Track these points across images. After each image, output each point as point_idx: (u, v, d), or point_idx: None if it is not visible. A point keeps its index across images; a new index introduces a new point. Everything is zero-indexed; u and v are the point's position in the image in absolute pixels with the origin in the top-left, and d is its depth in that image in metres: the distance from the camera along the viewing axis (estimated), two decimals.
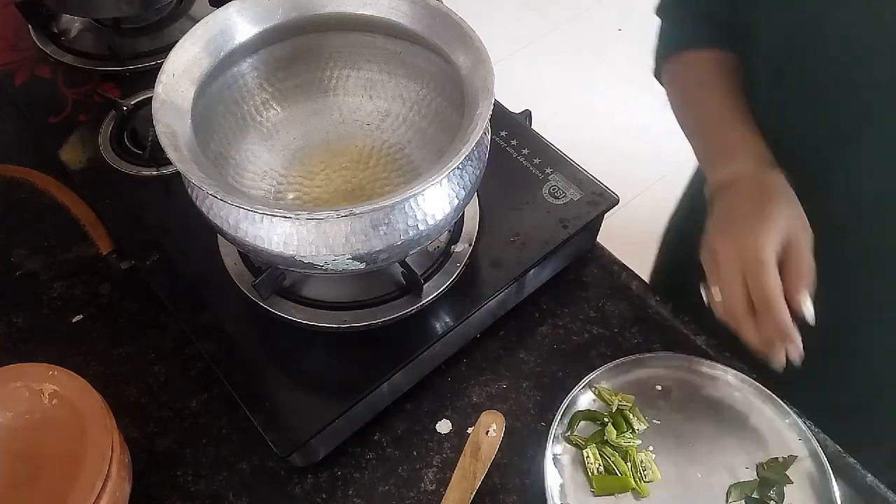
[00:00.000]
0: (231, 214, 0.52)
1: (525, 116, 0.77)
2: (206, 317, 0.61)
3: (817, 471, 0.58)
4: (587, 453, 0.59)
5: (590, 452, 0.59)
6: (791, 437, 0.60)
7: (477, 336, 0.67)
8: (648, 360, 0.64)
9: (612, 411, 0.61)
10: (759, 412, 0.62)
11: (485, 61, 0.55)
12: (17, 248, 0.74)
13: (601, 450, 0.59)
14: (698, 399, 0.63)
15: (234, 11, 0.59)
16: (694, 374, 0.64)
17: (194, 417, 0.63)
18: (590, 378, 0.62)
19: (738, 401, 0.63)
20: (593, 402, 0.62)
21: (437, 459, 0.61)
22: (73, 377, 0.55)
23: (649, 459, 0.59)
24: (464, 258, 0.64)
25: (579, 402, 0.62)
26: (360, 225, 0.51)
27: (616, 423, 0.60)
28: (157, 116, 0.51)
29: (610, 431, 0.60)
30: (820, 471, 0.58)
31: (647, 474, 0.58)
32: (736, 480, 0.59)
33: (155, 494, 0.59)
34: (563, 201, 0.68)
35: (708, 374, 0.64)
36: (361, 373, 0.58)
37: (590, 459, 0.58)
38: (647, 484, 0.58)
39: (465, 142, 0.49)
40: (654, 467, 0.59)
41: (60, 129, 0.77)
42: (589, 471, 0.58)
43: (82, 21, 0.90)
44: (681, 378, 0.64)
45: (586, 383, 0.62)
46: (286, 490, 0.59)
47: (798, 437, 0.60)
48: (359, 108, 0.69)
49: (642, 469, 0.58)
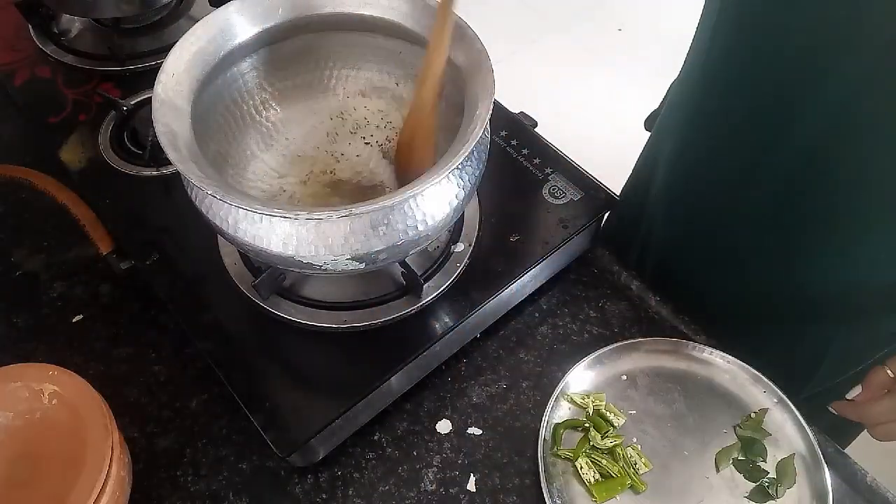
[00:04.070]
0: (231, 214, 0.52)
1: (528, 121, 0.77)
2: (206, 317, 0.61)
3: (790, 419, 0.61)
4: (580, 464, 0.58)
5: (582, 463, 0.58)
6: (756, 391, 0.63)
7: (477, 336, 0.67)
8: (607, 354, 0.64)
9: (589, 414, 0.61)
10: (721, 374, 0.64)
11: (485, 62, 0.55)
12: (17, 248, 0.74)
13: (591, 457, 0.59)
14: (663, 377, 0.64)
15: (234, 11, 0.59)
16: (653, 355, 0.65)
17: (194, 417, 0.63)
18: (559, 389, 0.62)
19: (700, 368, 0.64)
20: (570, 411, 0.62)
21: (437, 459, 0.61)
22: (73, 377, 0.55)
23: (637, 451, 0.59)
24: (464, 258, 0.64)
25: (558, 414, 0.62)
26: (359, 225, 0.51)
27: (596, 424, 0.60)
28: (156, 116, 0.51)
29: (594, 435, 0.59)
30: (792, 418, 0.61)
31: (639, 467, 0.59)
32: (721, 446, 0.60)
33: (155, 494, 0.59)
34: (563, 201, 0.68)
35: (666, 350, 0.65)
36: (361, 373, 0.58)
37: (583, 470, 0.58)
38: (643, 475, 0.58)
39: (465, 142, 0.49)
40: (643, 458, 0.59)
41: (60, 129, 0.77)
42: (586, 481, 0.58)
43: (82, 21, 0.90)
44: (644, 363, 0.65)
45: (557, 395, 0.62)
46: (286, 490, 0.59)
47: (763, 391, 0.63)
48: (359, 108, 0.69)
49: (633, 464, 0.59)
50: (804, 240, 0.65)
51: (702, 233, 0.76)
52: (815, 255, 0.65)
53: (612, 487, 0.57)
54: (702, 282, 0.76)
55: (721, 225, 0.72)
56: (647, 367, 0.65)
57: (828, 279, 0.67)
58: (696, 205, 0.75)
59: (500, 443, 0.61)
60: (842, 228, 0.63)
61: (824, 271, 0.66)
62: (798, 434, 0.60)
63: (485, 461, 0.60)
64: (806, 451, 0.59)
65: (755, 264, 0.71)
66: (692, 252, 0.78)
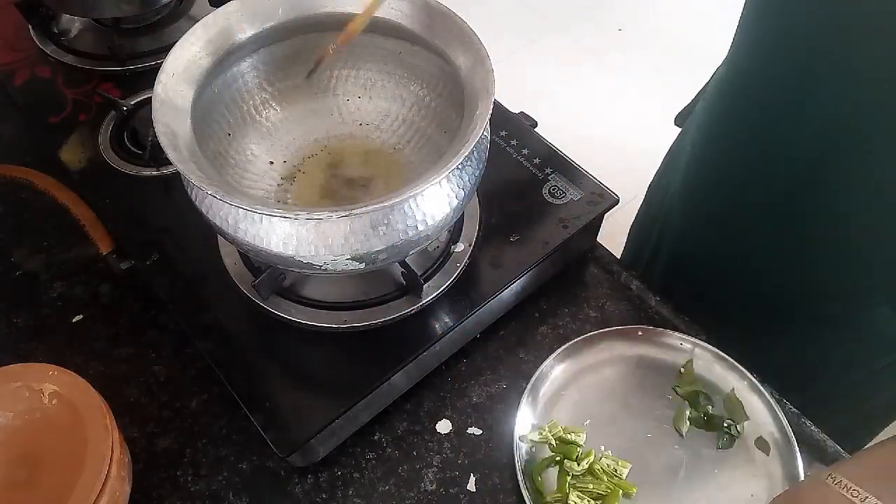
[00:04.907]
0: (231, 214, 0.52)
1: (528, 121, 0.77)
2: (206, 317, 0.61)
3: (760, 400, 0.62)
4: (572, 501, 0.57)
5: (573, 499, 0.57)
6: (674, 342, 0.65)
7: (477, 336, 0.67)
8: (537, 371, 0.63)
9: (553, 446, 0.60)
10: (643, 344, 0.66)
11: (485, 62, 0.55)
12: (17, 248, 0.74)
13: (577, 487, 0.58)
14: (588, 374, 0.64)
15: (234, 11, 0.59)
16: (570, 355, 0.65)
17: (194, 417, 0.63)
18: (516, 436, 0.60)
19: (616, 347, 0.66)
20: (532, 452, 0.60)
21: (437, 459, 0.61)
22: (73, 377, 0.55)
23: (610, 458, 0.59)
24: (464, 258, 0.64)
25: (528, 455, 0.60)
26: (359, 225, 0.51)
27: (566, 452, 0.59)
28: (156, 116, 0.51)
29: (570, 465, 0.58)
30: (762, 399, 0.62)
31: (620, 471, 0.58)
32: (671, 412, 0.62)
33: (155, 494, 0.59)
34: (563, 201, 0.68)
35: (580, 343, 0.65)
36: (361, 373, 0.58)
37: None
38: (627, 477, 0.58)
39: (465, 142, 0.49)
40: (619, 461, 0.59)
41: (60, 129, 0.77)
42: None
43: (82, 21, 0.90)
44: (566, 368, 0.64)
45: (518, 440, 0.60)
46: (286, 490, 0.59)
47: (680, 343, 0.65)
48: (358, 108, 0.69)
49: (614, 472, 0.58)
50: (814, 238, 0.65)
51: (714, 230, 0.76)
52: (827, 253, 0.65)
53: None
54: (710, 281, 0.76)
55: (733, 223, 0.72)
56: (570, 371, 0.64)
57: (835, 279, 0.67)
58: (710, 200, 0.75)
59: (500, 443, 0.61)
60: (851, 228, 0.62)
61: (831, 272, 0.66)
62: (769, 414, 0.61)
63: (485, 461, 0.60)
64: (776, 431, 0.60)
65: (765, 264, 0.71)
66: (703, 249, 0.79)
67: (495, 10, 2.46)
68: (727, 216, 0.73)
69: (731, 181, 0.70)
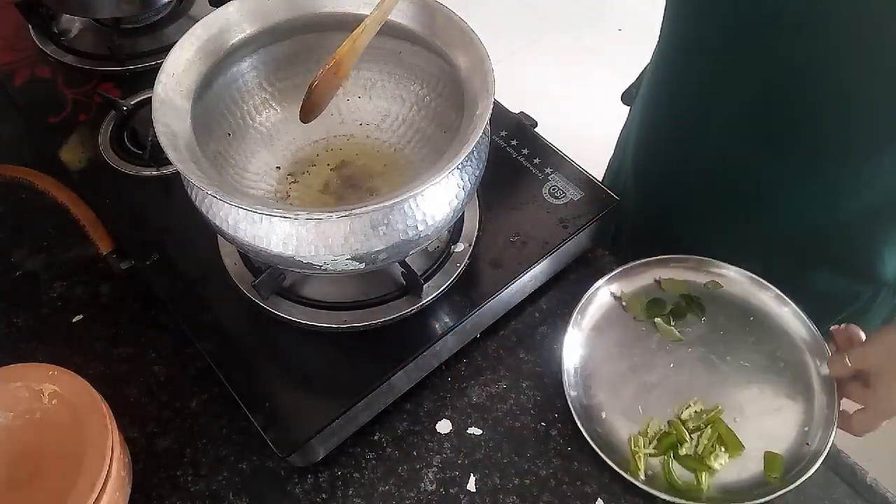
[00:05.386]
0: (231, 214, 0.52)
1: (528, 121, 0.77)
2: (206, 317, 0.61)
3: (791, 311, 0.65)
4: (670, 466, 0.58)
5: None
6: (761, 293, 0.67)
7: (477, 336, 0.67)
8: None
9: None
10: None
11: (484, 62, 0.55)
12: (17, 248, 0.74)
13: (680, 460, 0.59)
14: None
15: (234, 11, 0.59)
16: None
17: (194, 417, 0.63)
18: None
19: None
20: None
21: (437, 459, 0.61)
22: (73, 377, 0.55)
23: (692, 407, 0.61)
24: (464, 258, 0.64)
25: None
26: (359, 225, 0.51)
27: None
28: (156, 116, 0.51)
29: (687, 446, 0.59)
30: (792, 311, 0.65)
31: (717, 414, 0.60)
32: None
33: (155, 494, 0.59)
34: (563, 201, 0.68)
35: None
36: (361, 373, 0.58)
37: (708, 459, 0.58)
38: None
39: (465, 142, 0.49)
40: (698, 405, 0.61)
41: (60, 129, 0.77)
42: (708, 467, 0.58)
43: (82, 21, 0.90)
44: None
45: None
46: (286, 490, 0.59)
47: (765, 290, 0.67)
48: (358, 108, 0.69)
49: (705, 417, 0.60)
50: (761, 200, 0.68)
51: (665, 203, 0.79)
52: (771, 215, 0.68)
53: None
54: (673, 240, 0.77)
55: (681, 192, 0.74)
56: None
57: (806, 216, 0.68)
58: (660, 174, 0.78)
59: (500, 443, 0.61)
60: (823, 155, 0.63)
61: (803, 208, 0.68)
62: (802, 326, 0.64)
63: (485, 461, 0.60)
64: (809, 339, 0.63)
65: (716, 237, 0.73)
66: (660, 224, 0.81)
67: (495, 10, 2.46)
68: (676, 185, 0.75)
69: (678, 144, 0.73)
